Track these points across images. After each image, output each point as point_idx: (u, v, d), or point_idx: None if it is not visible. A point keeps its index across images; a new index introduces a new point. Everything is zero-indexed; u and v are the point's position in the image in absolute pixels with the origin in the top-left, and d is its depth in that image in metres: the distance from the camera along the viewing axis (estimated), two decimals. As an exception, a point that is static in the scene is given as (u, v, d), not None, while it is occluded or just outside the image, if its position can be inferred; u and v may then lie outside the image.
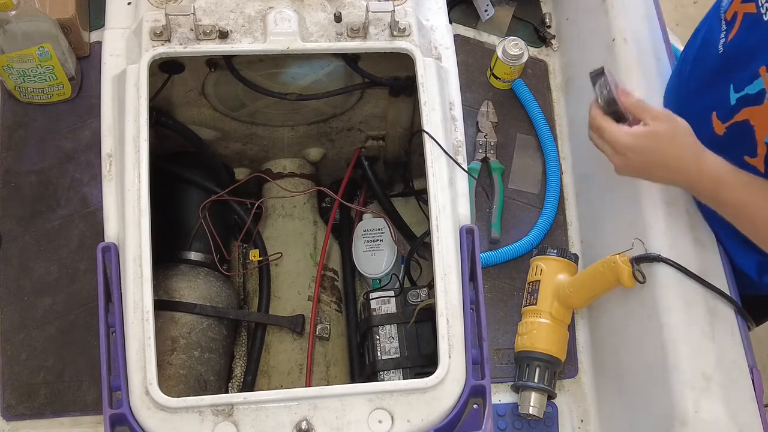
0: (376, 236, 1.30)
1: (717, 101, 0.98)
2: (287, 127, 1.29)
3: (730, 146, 0.96)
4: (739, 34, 0.94)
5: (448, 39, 1.09)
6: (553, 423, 1.11)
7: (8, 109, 1.25)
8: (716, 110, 0.98)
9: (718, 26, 0.98)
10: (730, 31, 0.95)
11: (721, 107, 0.97)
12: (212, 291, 1.17)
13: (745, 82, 0.92)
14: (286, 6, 1.03)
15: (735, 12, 0.95)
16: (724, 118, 0.97)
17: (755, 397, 0.96)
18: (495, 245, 1.22)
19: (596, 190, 1.21)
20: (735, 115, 0.95)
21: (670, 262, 1.00)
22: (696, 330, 0.97)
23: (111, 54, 1.02)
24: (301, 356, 1.21)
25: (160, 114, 1.16)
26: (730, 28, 0.95)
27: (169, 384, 1.08)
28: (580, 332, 1.18)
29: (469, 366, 0.91)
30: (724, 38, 0.96)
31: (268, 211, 1.33)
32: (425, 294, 1.14)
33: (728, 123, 0.96)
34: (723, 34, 0.97)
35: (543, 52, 1.39)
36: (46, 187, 1.20)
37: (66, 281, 1.14)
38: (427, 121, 0.99)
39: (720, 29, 0.97)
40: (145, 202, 0.92)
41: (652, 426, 0.99)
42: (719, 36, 0.97)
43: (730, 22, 0.96)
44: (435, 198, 0.96)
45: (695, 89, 1.04)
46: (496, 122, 1.31)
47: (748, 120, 0.93)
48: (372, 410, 0.88)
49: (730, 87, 0.95)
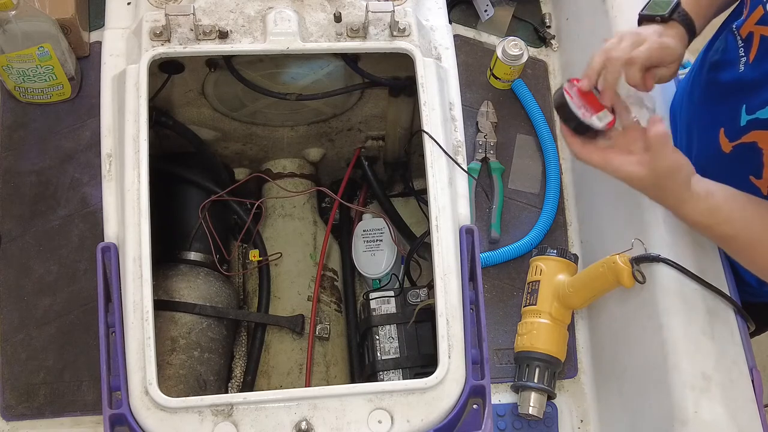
0: (375, 236, 1.30)
1: (727, 118, 0.97)
2: (287, 127, 1.29)
3: (736, 165, 0.96)
4: (758, 56, 0.92)
5: (448, 39, 1.09)
6: (553, 423, 1.11)
7: (8, 109, 1.25)
8: (725, 126, 0.98)
9: (735, 42, 0.96)
10: (749, 50, 0.94)
11: (731, 125, 0.96)
12: (212, 291, 1.17)
13: (758, 106, 0.91)
14: (286, 6, 1.03)
15: (751, 32, 0.93)
16: (732, 137, 0.96)
17: (755, 397, 0.96)
18: (495, 245, 1.22)
19: (596, 190, 1.21)
20: (743, 136, 0.94)
21: (670, 262, 1.00)
22: (696, 330, 0.97)
23: (111, 54, 1.02)
24: (301, 356, 1.21)
25: (160, 114, 1.16)
26: (749, 47, 0.94)
27: (168, 384, 1.08)
28: (580, 332, 1.18)
29: (468, 366, 0.91)
30: (745, 57, 0.94)
31: (267, 211, 1.33)
32: (425, 294, 1.14)
33: (736, 142, 0.96)
34: (743, 51, 0.95)
35: (543, 52, 1.39)
36: (46, 187, 1.20)
37: (66, 281, 1.14)
38: (427, 121, 0.99)
39: (737, 45, 0.96)
40: (145, 203, 0.92)
41: (652, 426, 0.99)
42: (738, 53, 0.95)
43: (747, 40, 0.94)
44: (435, 198, 0.96)
45: (708, 99, 1.03)
46: (496, 122, 1.31)
47: (756, 142, 0.92)
48: (372, 410, 0.88)
49: (743, 107, 0.94)
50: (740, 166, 0.95)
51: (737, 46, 0.96)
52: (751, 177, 0.95)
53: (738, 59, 0.95)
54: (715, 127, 0.99)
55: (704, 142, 1.01)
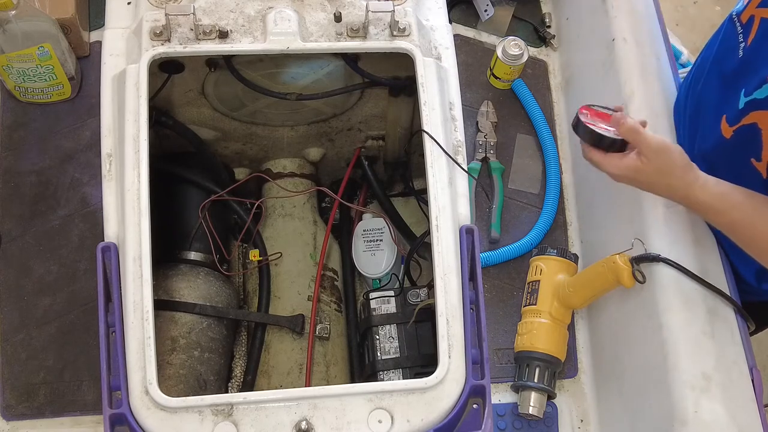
0: (376, 236, 1.30)
1: (729, 105, 0.97)
2: (287, 127, 1.29)
3: (738, 149, 0.96)
4: (756, 38, 0.94)
5: (448, 39, 1.09)
6: (553, 423, 1.11)
7: (8, 109, 1.25)
8: (726, 113, 0.98)
9: (734, 29, 0.98)
10: (747, 34, 0.95)
11: (731, 110, 0.97)
12: (212, 291, 1.17)
13: (755, 86, 0.92)
14: (286, 6, 1.03)
15: (752, 15, 0.94)
16: (733, 121, 0.97)
17: (755, 397, 0.96)
18: (495, 245, 1.22)
19: (596, 190, 1.21)
20: (743, 118, 0.94)
21: (670, 262, 1.00)
22: (696, 330, 0.97)
23: (111, 54, 1.02)
24: (301, 356, 1.21)
25: (160, 114, 1.16)
26: (748, 32, 0.95)
27: (168, 384, 1.07)
28: (580, 332, 1.18)
29: (468, 366, 0.90)
30: (744, 42, 0.96)
31: (268, 211, 1.33)
32: (425, 294, 1.14)
33: (736, 126, 0.96)
34: (741, 37, 0.96)
35: (543, 52, 1.39)
36: (46, 187, 1.20)
37: (66, 281, 1.14)
38: (427, 121, 0.99)
39: (737, 32, 0.97)
40: (145, 202, 0.92)
41: (652, 426, 0.99)
42: (737, 39, 0.97)
43: (747, 25, 0.95)
44: (435, 198, 0.96)
45: (711, 90, 1.04)
46: (496, 122, 1.31)
47: (756, 123, 0.93)
48: (372, 410, 0.88)
49: (742, 91, 0.95)
50: (741, 150, 0.96)
51: (737, 33, 0.97)
52: (752, 160, 0.95)
53: (737, 45, 0.97)
54: (718, 116, 1.00)
55: (707, 132, 1.02)
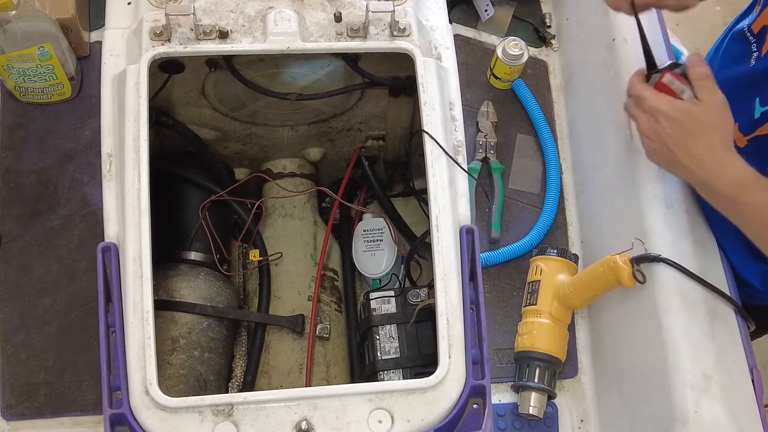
0: (376, 236, 1.30)
1: (741, 113, 0.96)
2: (287, 127, 1.29)
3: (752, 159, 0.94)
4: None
5: (448, 39, 1.09)
6: (553, 423, 1.11)
7: (8, 109, 1.25)
8: (739, 121, 0.97)
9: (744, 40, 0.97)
10: (761, 44, 0.94)
11: (745, 119, 0.96)
12: (212, 291, 1.17)
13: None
14: (286, 6, 1.03)
15: (764, 26, 0.93)
16: (747, 131, 0.96)
17: (755, 397, 0.96)
18: (495, 245, 1.22)
19: (596, 190, 1.21)
20: (758, 128, 0.94)
21: (670, 262, 1.00)
22: (696, 330, 0.97)
23: (111, 54, 1.02)
24: (301, 356, 1.21)
25: (160, 114, 1.16)
26: (761, 41, 0.94)
27: (169, 384, 1.08)
28: (580, 332, 1.18)
29: (469, 366, 0.90)
30: (757, 51, 0.95)
31: (268, 211, 1.33)
32: (425, 294, 1.14)
33: (750, 135, 0.96)
34: (754, 47, 0.95)
35: (543, 52, 1.39)
36: (46, 187, 1.20)
37: (66, 281, 1.14)
38: (427, 121, 0.99)
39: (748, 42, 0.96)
40: (145, 202, 0.92)
41: (652, 426, 0.99)
42: (749, 49, 0.96)
43: (759, 35, 0.94)
44: (435, 198, 0.96)
45: None
46: (496, 122, 1.31)
47: None
48: (372, 410, 0.88)
49: (756, 100, 0.94)
50: (756, 159, 0.94)
51: (748, 43, 0.96)
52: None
53: (749, 54, 0.96)
54: None
55: None
